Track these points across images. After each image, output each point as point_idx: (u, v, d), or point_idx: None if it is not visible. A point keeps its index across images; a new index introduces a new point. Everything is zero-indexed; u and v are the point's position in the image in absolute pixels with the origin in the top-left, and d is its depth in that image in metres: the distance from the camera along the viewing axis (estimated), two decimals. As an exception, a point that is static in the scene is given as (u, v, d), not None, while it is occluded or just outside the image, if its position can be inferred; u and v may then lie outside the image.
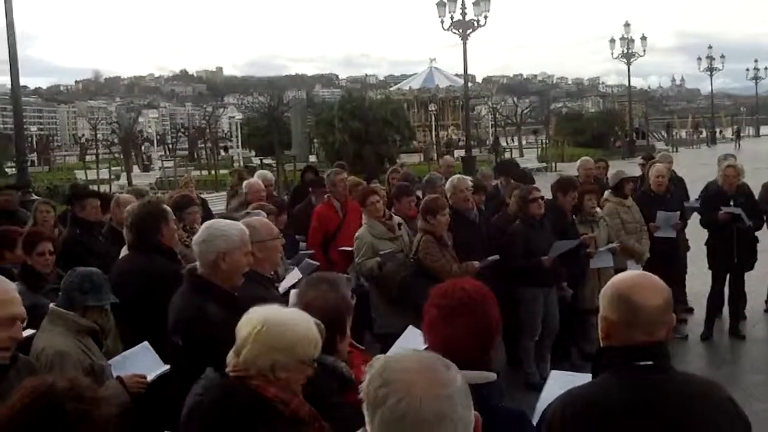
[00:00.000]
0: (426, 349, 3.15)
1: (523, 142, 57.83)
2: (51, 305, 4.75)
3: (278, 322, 3.17)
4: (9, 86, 17.63)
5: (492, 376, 3.03)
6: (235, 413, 3.11)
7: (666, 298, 2.95)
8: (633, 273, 3.23)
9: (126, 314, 5.58)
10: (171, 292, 5.03)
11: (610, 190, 10.11)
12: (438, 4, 32.21)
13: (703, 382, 3.04)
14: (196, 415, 3.20)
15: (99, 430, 2.47)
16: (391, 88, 64.80)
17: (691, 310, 10.71)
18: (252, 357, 3.12)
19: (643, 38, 55.37)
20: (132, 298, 5.48)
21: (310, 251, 8.48)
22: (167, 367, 4.77)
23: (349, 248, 8.57)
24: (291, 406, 3.13)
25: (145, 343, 5.00)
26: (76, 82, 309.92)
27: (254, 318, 3.19)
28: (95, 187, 20.32)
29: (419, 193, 9.77)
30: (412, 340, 4.53)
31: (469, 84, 35.89)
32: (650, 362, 2.88)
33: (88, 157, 52.75)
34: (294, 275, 6.58)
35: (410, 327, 5.04)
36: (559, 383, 3.69)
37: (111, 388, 4.37)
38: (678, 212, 9.92)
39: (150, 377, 4.77)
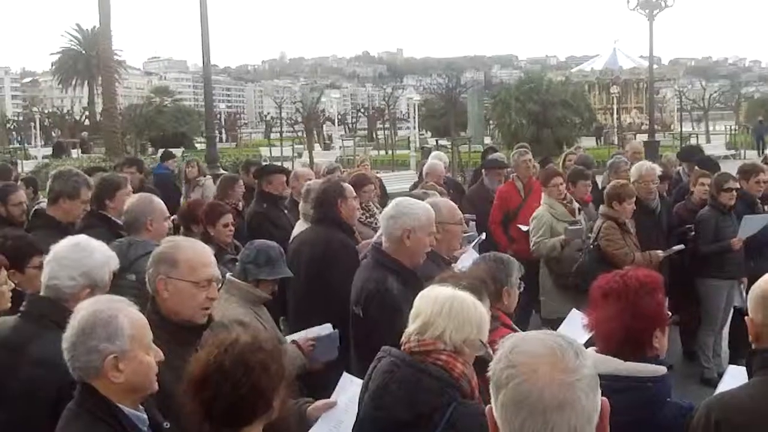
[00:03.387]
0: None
1: (711, 128, 55.19)
2: (228, 275, 4.92)
3: (466, 299, 3.22)
4: (201, 65, 18.51)
5: (661, 369, 2.95)
6: (426, 390, 3.14)
7: None
8: None
9: (303, 285, 5.82)
10: (343, 265, 5.17)
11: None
12: (624, -17, 31.10)
13: None
14: (387, 393, 3.24)
15: (278, 380, 2.72)
16: (572, 70, 63.37)
17: None
18: (444, 332, 3.16)
19: None
20: (307, 268, 5.72)
21: (471, 233, 8.49)
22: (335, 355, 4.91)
23: (526, 227, 8.52)
24: (472, 384, 3.16)
25: (328, 325, 5.06)
26: (263, 61, 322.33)
27: (441, 294, 3.23)
28: (279, 164, 20.95)
29: (599, 178, 9.57)
30: (575, 324, 4.46)
31: (655, 66, 34.51)
32: None
33: (272, 135, 54.75)
34: (470, 255, 6.61)
35: (574, 310, 4.96)
36: (736, 379, 3.52)
37: (289, 350, 4.54)
38: None
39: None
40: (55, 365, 3.09)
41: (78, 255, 3.64)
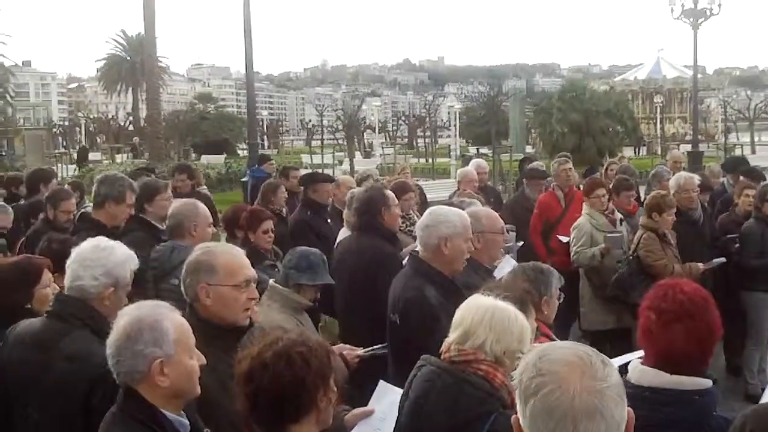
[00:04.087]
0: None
1: (756, 139, 54.29)
2: (270, 281, 4.98)
3: (507, 309, 3.21)
4: (244, 72, 18.68)
5: (707, 383, 2.91)
6: (467, 399, 3.14)
7: None
8: None
9: (345, 292, 5.84)
10: (388, 273, 5.18)
11: None
12: (668, -8, 30.81)
13: None
14: (427, 401, 3.25)
15: (321, 377, 2.75)
16: (615, 79, 62.89)
17: None
18: (485, 342, 3.15)
19: None
20: (351, 276, 5.74)
21: (510, 242, 8.44)
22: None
23: (566, 238, 8.47)
24: (512, 395, 3.15)
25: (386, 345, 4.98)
26: (305, 69, 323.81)
27: (482, 304, 3.23)
28: (321, 171, 21.04)
29: (642, 189, 9.48)
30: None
31: (699, 75, 34.14)
32: None
33: (313, 142, 54.98)
34: (507, 263, 6.58)
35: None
36: None
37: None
38: None
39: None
40: (86, 360, 3.32)
41: (98, 255, 3.72)
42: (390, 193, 6.43)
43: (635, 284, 7.30)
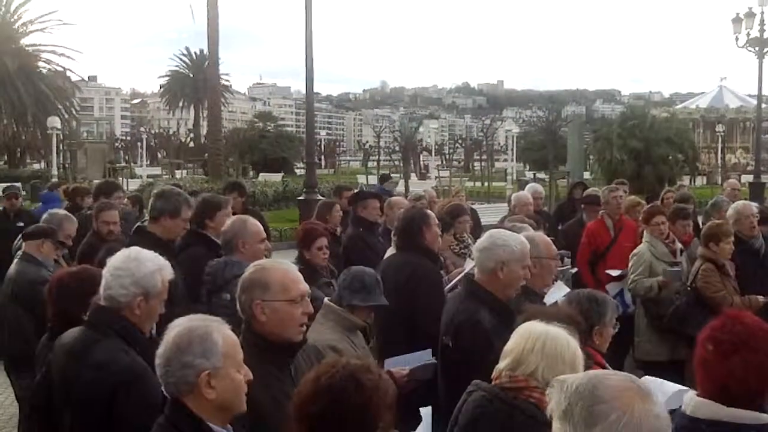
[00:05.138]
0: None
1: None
2: (325, 300, 4.98)
3: (559, 336, 3.17)
4: (304, 92, 18.84)
5: (764, 417, 2.84)
6: (518, 426, 3.11)
7: None
8: None
9: (388, 311, 5.84)
10: (427, 289, 5.13)
11: None
12: (733, 20, 30.36)
13: None
14: (478, 427, 3.22)
15: (386, 400, 2.72)
16: (677, 107, 62.13)
17: None
18: (536, 369, 3.13)
19: None
20: (390, 293, 5.75)
21: (567, 267, 8.33)
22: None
23: (615, 271, 8.32)
24: None
25: (428, 351, 5.02)
26: (364, 90, 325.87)
27: (534, 331, 3.20)
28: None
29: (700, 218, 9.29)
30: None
31: (763, 105, 33.45)
32: None
33: (370, 163, 55.26)
34: (559, 289, 6.50)
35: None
36: None
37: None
38: None
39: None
40: (109, 367, 3.48)
41: (129, 265, 3.78)
42: (431, 213, 6.45)
43: (692, 316, 7.15)
